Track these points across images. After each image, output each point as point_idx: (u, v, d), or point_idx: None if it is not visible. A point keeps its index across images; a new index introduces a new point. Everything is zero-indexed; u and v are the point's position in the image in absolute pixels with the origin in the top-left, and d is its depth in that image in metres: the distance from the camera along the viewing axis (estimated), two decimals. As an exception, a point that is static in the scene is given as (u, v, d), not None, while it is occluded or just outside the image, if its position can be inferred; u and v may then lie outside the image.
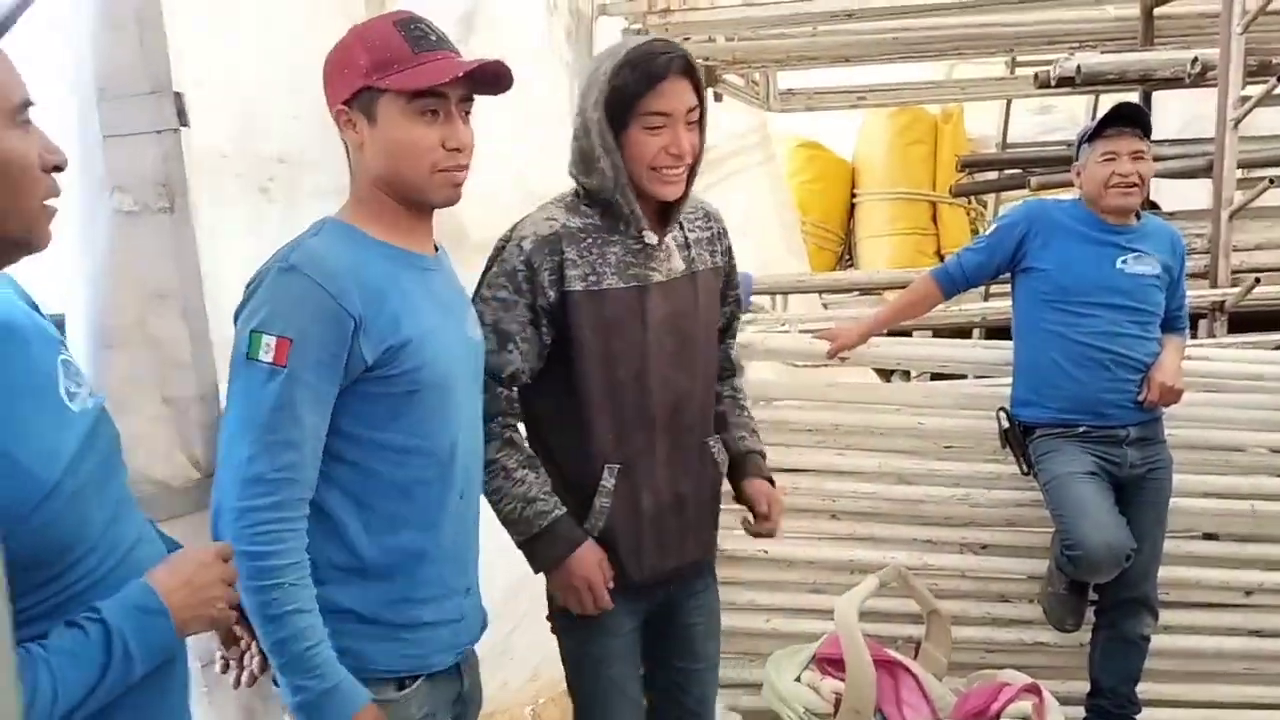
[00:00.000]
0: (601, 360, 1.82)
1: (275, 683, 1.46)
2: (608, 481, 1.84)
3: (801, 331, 3.32)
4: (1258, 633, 3.03)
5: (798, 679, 2.46)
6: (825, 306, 6.03)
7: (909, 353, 3.13)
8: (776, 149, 7.48)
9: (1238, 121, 3.85)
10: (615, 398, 1.84)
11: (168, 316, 1.57)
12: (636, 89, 1.75)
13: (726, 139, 6.41)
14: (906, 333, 3.79)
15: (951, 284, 2.85)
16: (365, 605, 1.51)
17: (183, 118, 1.54)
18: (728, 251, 2.03)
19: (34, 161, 1.07)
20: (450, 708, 1.65)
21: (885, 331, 3.05)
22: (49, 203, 1.10)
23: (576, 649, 1.99)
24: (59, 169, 1.10)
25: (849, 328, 2.96)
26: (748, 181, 6.76)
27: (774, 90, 5.87)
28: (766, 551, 3.01)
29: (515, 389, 1.85)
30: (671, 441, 1.90)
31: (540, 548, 1.85)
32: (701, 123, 1.84)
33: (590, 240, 1.82)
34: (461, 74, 1.45)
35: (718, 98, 5.71)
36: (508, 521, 1.85)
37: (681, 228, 1.94)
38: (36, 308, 1.21)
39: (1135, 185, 2.60)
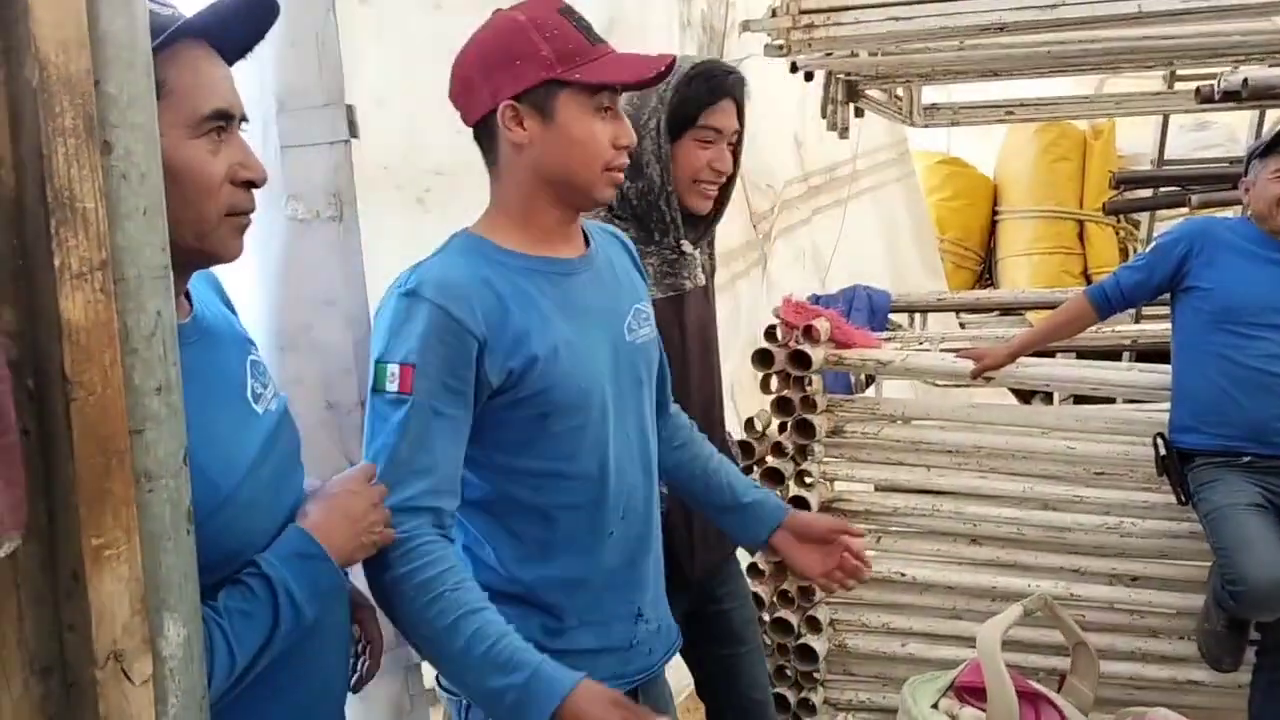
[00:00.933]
0: None
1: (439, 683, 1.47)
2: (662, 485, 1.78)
3: (943, 350, 3.25)
4: None
5: (935, 706, 2.39)
6: (963, 326, 5.89)
7: (1058, 374, 3.02)
8: (915, 165, 7.36)
9: None
10: None
11: (333, 322, 1.64)
12: (701, 101, 1.79)
13: (865, 155, 6.34)
14: (1050, 354, 3.67)
15: (1107, 304, 2.76)
16: (524, 630, 1.41)
17: (353, 129, 1.61)
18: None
19: (215, 173, 1.06)
20: None
21: (1032, 353, 2.96)
22: (238, 217, 1.10)
23: None
24: (252, 184, 1.10)
25: (996, 348, 2.89)
26: (885, 197, 6.68)
27: (918, 105, 5.76)
28: (904, 574, 2.95)
29: None
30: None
31: None
32: (738, 147, 1.89)
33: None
34: (663, 68, 1.39)
35: (859, 113, 5.64)
36: None
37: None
38: (231, 306, 1.27)
39: None
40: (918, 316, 5.04)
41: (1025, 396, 4.70)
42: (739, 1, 4.69)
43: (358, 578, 1.36)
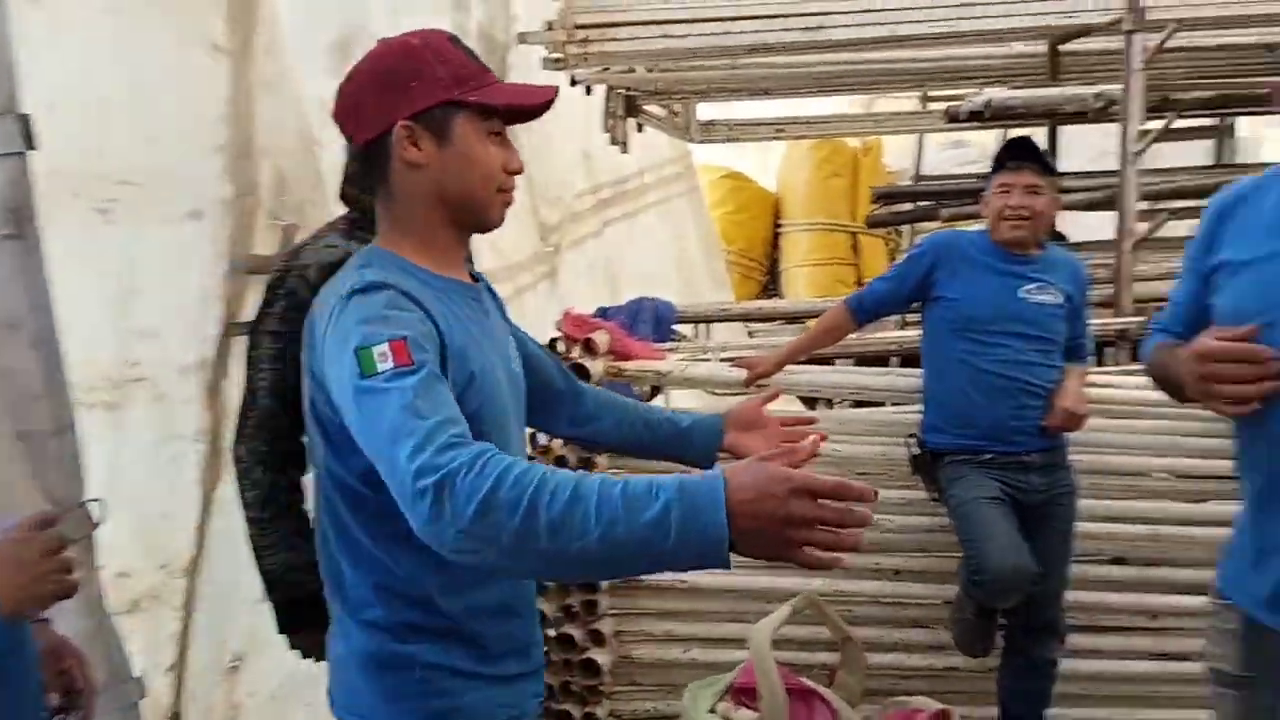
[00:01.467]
0: None
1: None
2: None
3: (722, 360, 3.33)
4: (1163, 655, 3.09)
5: (713, 709, 2.44)
6: (751, 335, 6.08)
7: (825, 380, 3.16)
8: (700, 180, 7.57)
9: (1138, 155, 3.97)
10: None
11: (19, 347, 1.49)
12: None
13: (652, 169, 6.46)
14: (829, 360, 3.84)
15: (863, 312, 2.89)
16: (461, 660, 1.41)
17: (30, 140, 1.47)
18: None
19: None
20: None
21: (804, 359, 3.07)
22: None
23: None
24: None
25: (766, 356, 2.98)
26: (673, 210, 6.82)
27: (695, 121, 5.93)
28: (684, 581, 3.00)
29: None
30: None
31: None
32: None
33: None
34: (550, 97, 1.40)
35: (639, 128, 5.75)
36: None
37: None
38: None
39: (1026, 219, 2.66)
40: (703, 327, 5.17)
41: (811, 403, 4.90)
42: (522, 14, 4.67)
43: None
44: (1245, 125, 6.78)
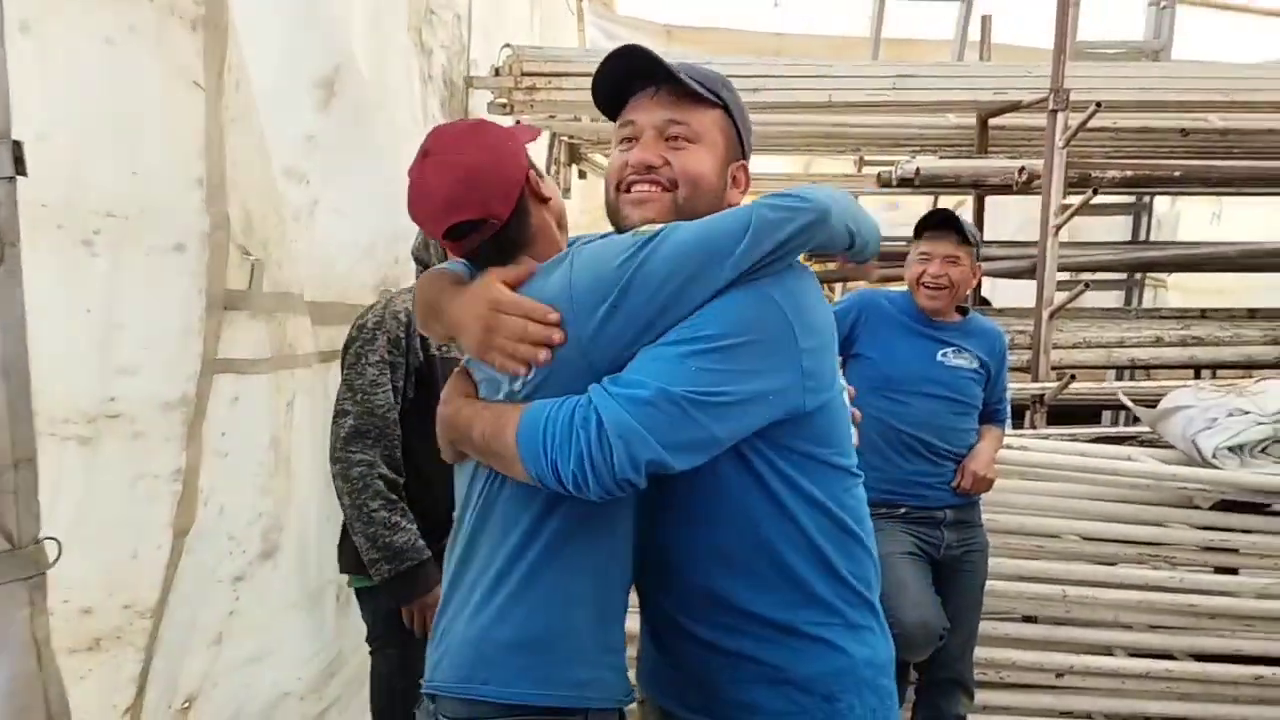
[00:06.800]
0: None
1: None
2: None
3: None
4: (1068, 714, 3.18)
5: None
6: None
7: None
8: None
9: (1058, 228, 4.13)
10: None
11: None
12: None
13: (591, 218, 6.52)
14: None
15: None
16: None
17: (19, 166, 1.47)
18: None
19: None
20: None
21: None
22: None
23: None
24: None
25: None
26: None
27: (637, 172, 6.01)
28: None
29: None
30: None
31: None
32: None
33: None
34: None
35: (582, 175, 5.82)
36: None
37: None
38: None
39: (944, 288, 2.74)
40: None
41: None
42: (480, 59, 4.72)
43: None
44: (1162, 203, 7.07)
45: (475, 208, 1.39)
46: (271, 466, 2.24)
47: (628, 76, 1.49)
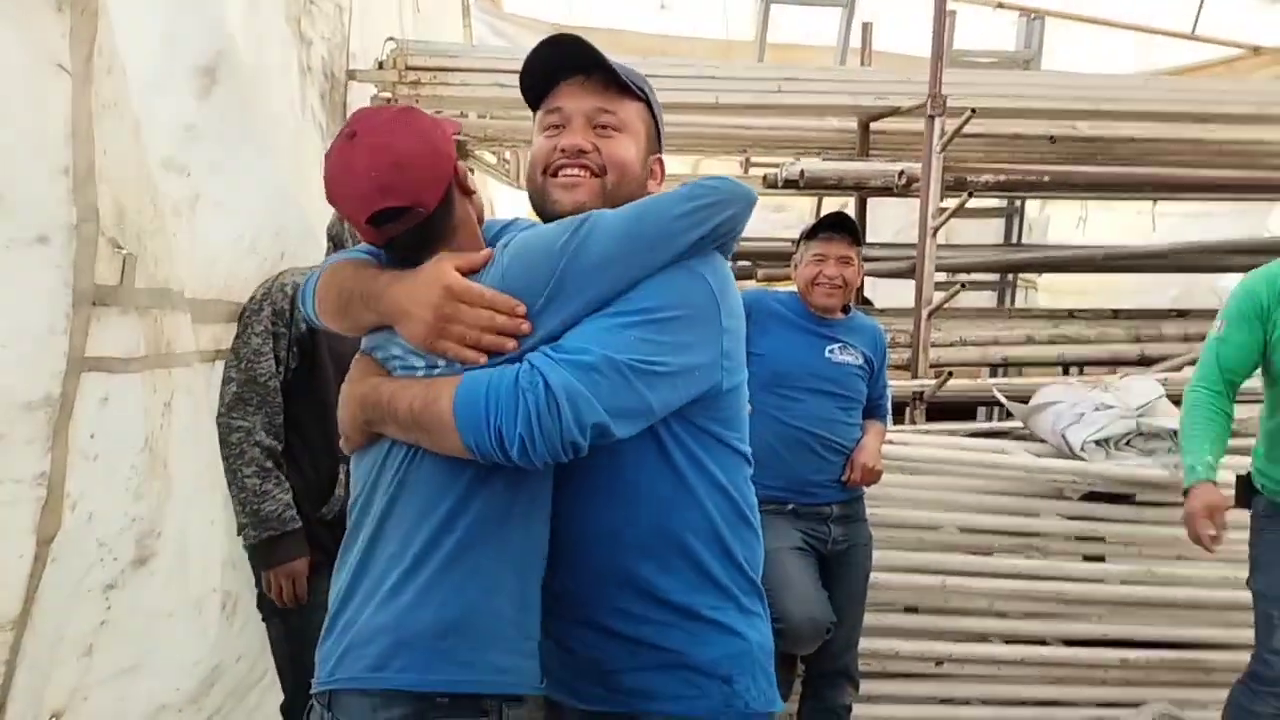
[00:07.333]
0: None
1: None
2: None
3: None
4: (947, 701, 3.27)
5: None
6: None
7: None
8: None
9: (936, 230, 4.26)
10: None
11: None
12: None
13: (489, 215, 6.45)
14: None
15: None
16: None
17: None
18: None
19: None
20: None
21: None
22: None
23: None
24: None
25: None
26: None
27: (524, 169, 5.97)
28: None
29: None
30: None
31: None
32: None
33: None
34: None
35: (470, 171, 5.74)
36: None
37: None
38: None
39: (839, 287, 2.81)
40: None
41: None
42: (359, 52, 4.62)
43: None
44: (1033, 207, 7.37)
45: (404, 195, 1.36)
46: (146, 469, 2.14)
47: (553, 65, 1.50)
